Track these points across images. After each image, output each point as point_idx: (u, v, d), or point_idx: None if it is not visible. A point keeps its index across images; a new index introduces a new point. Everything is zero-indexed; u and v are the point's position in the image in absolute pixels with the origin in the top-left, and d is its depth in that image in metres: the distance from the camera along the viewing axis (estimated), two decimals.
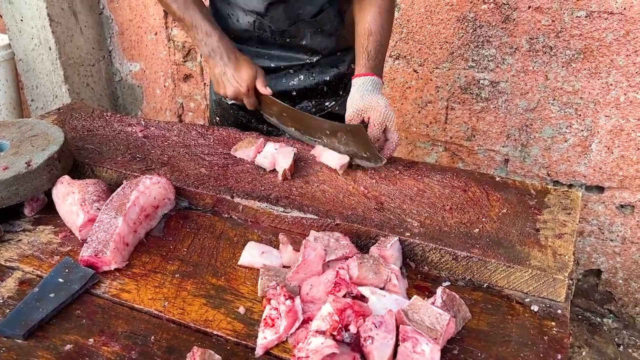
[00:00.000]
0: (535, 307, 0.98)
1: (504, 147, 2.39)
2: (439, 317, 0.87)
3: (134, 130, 1.53)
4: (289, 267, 1.05)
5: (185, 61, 3.11)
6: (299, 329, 0.90)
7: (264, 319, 0.91)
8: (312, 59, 1.56)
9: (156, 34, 3.12)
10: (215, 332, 0.93)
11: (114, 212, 1.10)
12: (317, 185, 1.28)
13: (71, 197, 1.16)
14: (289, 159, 1.29)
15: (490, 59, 2.26)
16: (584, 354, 2.31)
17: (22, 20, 2.97)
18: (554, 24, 2.09)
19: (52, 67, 3.04)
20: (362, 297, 0.95)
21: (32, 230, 1.20)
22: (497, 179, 1.30)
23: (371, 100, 1.32)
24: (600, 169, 2.22)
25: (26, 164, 1.19)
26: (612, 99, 2.10)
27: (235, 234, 1.18)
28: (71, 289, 1.00)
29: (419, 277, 1.07)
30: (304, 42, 1.52)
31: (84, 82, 3.20)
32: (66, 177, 1.23)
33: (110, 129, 1.55)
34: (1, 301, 1.00)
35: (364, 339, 0.84)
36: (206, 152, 1.42)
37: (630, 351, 2.33)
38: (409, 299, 0.95)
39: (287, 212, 1.18)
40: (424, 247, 1.08)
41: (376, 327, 0.85)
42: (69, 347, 0.90)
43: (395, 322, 0.87)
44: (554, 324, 0.95)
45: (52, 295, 0.98)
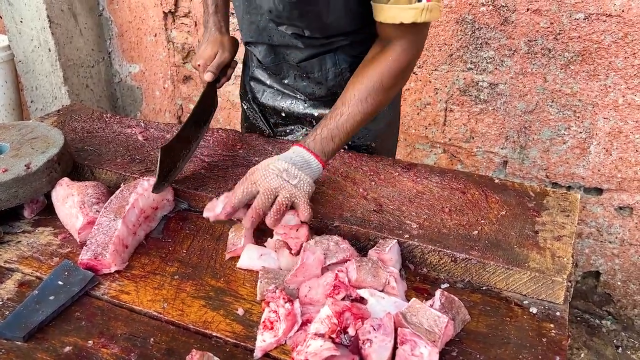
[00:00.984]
0: (534, 309, 0.99)
1: (502, 149, 2.39)
2: (438, 319, 0.88)
3: (133, 132, 1.54)
4: (287, 269, 1.05)
5: (184, 63, 3.12)
6: (297, 331, 0.90)
7: (263, 322, 0.91)
8: (301, 97, 1.49)
9: (156, 36, 3.12)
10: (214, 333, 0.93)
11: (113, 214, 1.10)
12: (317, 187, 1.28)
13: (70, 200, 1.16)
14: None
15: (489, 61, 2.27)
16: (582, 355, 2.31)
17: (21, 21, 2.97)
18: (552, 26, 2.10)
19: (51, 69, 3.05)
20: (361, 300, 0.95)
21: (32, 231, 1.20)
22: (496, 181, 1.30)
23: (265, 162, 1.13)
24: (598, 170, 2.23)
25: (26, 166, 1.19)
26: (611, 101, 2.11)
27: None
28: (71, 292, 1.00)
29: (418, 279, 1.07)
30: (287, 81, 1.47)
31: (83, 83, 3.20)
32: (65, 179, 1.24)
33: (109, 131, 1.55)
34: (1, 303, 1.00)
35: (362, 342, 0.84)
36: (205, 153, 1.43)
37: (629, 353, 2.33)
38: (408, 301, 0.95)
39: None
40: (422, 249, 1.08)
41: (375, 329, 0.85)
42: (68, 349, 0.91)
43: (393, 324, 0.87)
44: (552, 326, 0.95)
45: (51, 297, 0.98)
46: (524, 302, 1.01)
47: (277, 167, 1.10)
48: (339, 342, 0.85)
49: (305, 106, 1.50)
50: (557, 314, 0.98)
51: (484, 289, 1.04)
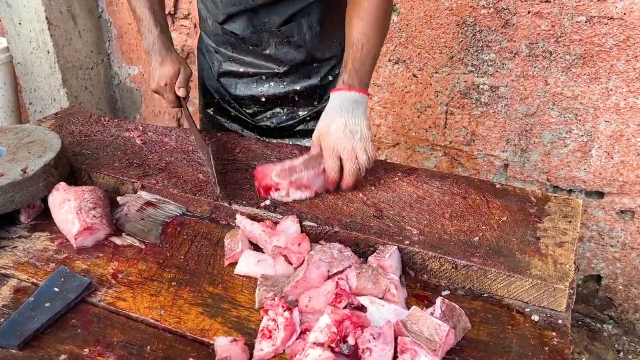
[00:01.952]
0: (535, 317, 0.97)
1: (503, 152, 2.38)
2: (438, 328, 0.86)
3: (131, 135, 1.52)
4: (285, 276, 1.04)
5: None
6: (296, 340, 0.89)
7: (261, 330, 0.90)
8: (280, 69, 1.52)
9: None
10: (212, 342, 0.92)
11: None
12: None
13: (67, 205, 1.15)
14: None
15: (489, 63, 2.26)
16: None
17: (20, 23, 2.96)
18: (553, 29, 2.08)
19: (50, 71, 3.04)
20: (361, 308, 0.94)
21: (28, 237, 1.19)
22: (497, 186, 1.29)
23: (325, 126, 1.22)
24: (600, 174, 2.22)
25: (22, 170, 1.18)
26: (612, 104, 2.10)
27: None
28: (67, 298, 0.98)
29: (419, 286, 1.06)
30: (267, 52, 1.49)
31: (82, 85, 3.19)
32: (62, 183, 1.22)
33: (107, 134, 1.54)
34: None
35: (362, 351, 0.83)
36: (204, 157, 1.41)
37: (630, 357, 2.32)
38: (408, 308, 0.94)
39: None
40: (423, 255, 1.07)
41: (374, 338, 0.84)
42: (63, 357, 0.89)
43: (393, 333, 0.86)
44: (554, 334, 0.94)
45: (47, 304, 0.97)
46: (526, 310, 0.99)
47: (338, 127, 1.18)
48: (339, 352, 0.83)
49: (285, 84, 1.54)
50: (559, 321, 0.97)
51: (485, 296, 1.03)
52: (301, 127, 1.60)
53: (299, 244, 1.05)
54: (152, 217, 1.22)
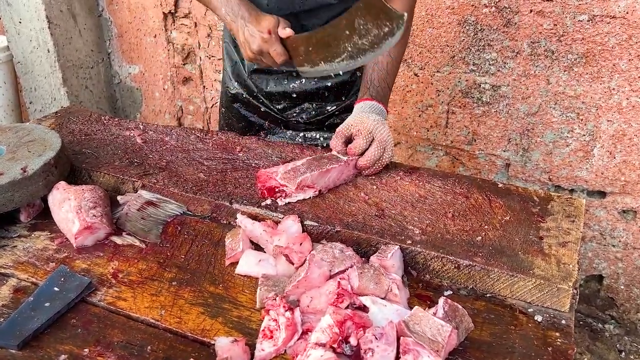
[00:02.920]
0: (539, 317, 0.97)
1: (505, 151, 2.37)
2: (441, 328, 0.86)
3: (132, 134, 1.52)
4: (286, 275, 1.03)
5: (184, 64, 3.10)
6: (297, 340, 0.88)
7: (263, 330, 0.89)
8: None
9: (155, 37, 3.10)
10: (212, 342, 0.91)
11: None
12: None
13: (67, 204, 1.14)
14: None
15: (491, 62, 2.25)
16: None
17: (20, 22, 2.95)
18: (555, 28, 2.08)
19: (50, 70, 3.03)
20: (363, 308, 0.93)
21: (28, 236, 1.18)
22: (500, 185, 1.28)
23: (361, 117, 1.32)
24: (602, 174, 2.21)
25: (22, 169, 1.18)
26: (615, 104, 2.09)
27: None
28: (67, 298, 0.98)
29: (421, 286, 1.05)
30: None
31: (82, 84, 3.19)
32: (62, 183, 1.22)
33: (108, 133, 1.53)
34: None
35: (364, 352, 0.82)
36: (205, 156, 1.41)
37: (632, 358, 2.31)
38: (411, 308, 0.94)
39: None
40: (425, 255, 1.06)
41: (377, 339, 0.83)
42: (63, 357, 0.89)
43: (396, 333, 0.85)
44: (558, 334, 0.93)
45: (47, 304, 0.96)
46: (529, 310, 0.99)
47: (375, 119, 1.31)
48: (340, 352, 0.83)
49: (316, 80, 1.58)
50: (563, 322, 0.96)
51: (488, 296, 1.02)
52: (330, 122, 1.64)
53: (301, 244, 1.05)
54: (153, 217, 1.22)
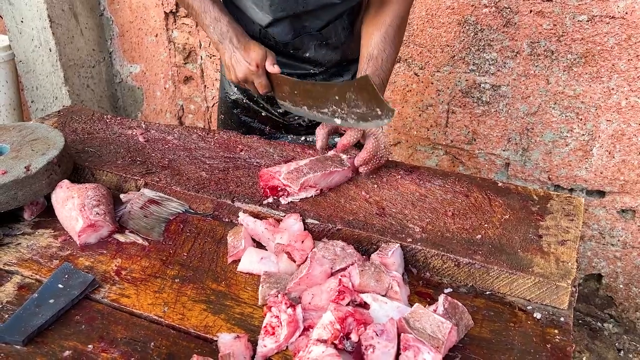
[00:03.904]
0: (538, 315, 0.98)
1: (504, 151, 2.38)
2: (441, 325, 0.87)
3: (134, 133, 1.53)
4: (288, 273, 1.04)
5: (185, 63, 3.11)
6: (299, 337, 0.89)
7: (265, 327, 0.90)
8: (316, 70, 1.55)
9: (157, 36, 3.11)
10: (215, 338, 0.92)
11: None
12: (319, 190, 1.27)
13: (70, 202, 1.15)
14: None
15: (491, 62, 2.26)
16: (584, 359, 2.30)
17: (22, 21, 2.96)
18: (555, 28, 2.09)
19: (52, 69, 3.04)
20: (364, 305, 0.94)
21: (32, 233, 1.19)
22: (500, 184, 1.29)
23: None
24: (601, 173, 2.22)
25: (25, 168, 1.19)
26: (614, 104, 2.10)
27: None
28: (71, 295, 0.99)
29: (421, 284, 1.06)
30: (307, 54, 1.52)
31: (84, 83, 3.20)
32: (65, 181, 1.23)
33: (110, 132, 1.54)
34: (0, 306, 0.99)
35: (365, 348, 0.83)
36: (207, 155, 1.42)
37: (630, 356, 2.32)
38: (411, 305, 0.94)
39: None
40: (425, 253, 1.07)
41: (377, 335, 0.84)
42: (67, 353, 0.90)
43: (396, 330, 0.86)
44: (557, 332, 0.94)
45: (51, 300, 0.97)
46: (528, 308, 1.00)
47: None
48: (342, 348, 0.84)
49: (320, 80, 1.57)
50: (562, 319, 0.97)
51: (488, 293, 1.03)
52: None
53: (302, 242, 1.06)
54: (155, 215, 1.23)
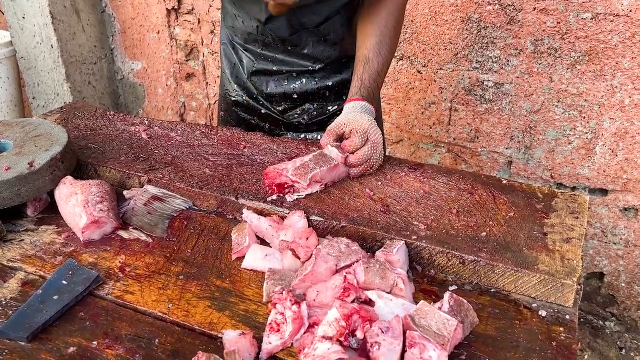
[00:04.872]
0: (543, 312, 0.97)
1: (507, 149, 2.38)
2: (447, 322, 0.87)
3: (137, 129, 1.52)
4: (292, 270, 1.04)
5: (187, 60, 3.10)
6: (304, 333, 0.89)
7: (269, 324, 0.90)
8: (315, 67, 1.54)
9: (158, 33, 3.11)
10: (220, 335, 0.92)
11: None
12: (323, 187, 1.27)
13: (74, 198, 1.15)
14: None
15: (494, 60, 2.25)
16: (586, 357, 2.30)
17: (24, 17, 2.96)
18: (559, 26, 2.08)
19: (53, 65, 3.04)
20: (369, 302, 0.94)
21: (35, 230, 1.19)
22: (504, 181, 1.29)
23: (355, 116, 1.29)
24: (604, 171, 2.21)
25: (29, 164, 1.18)
26: (617, 102, 2.09)
27: None
28: (75, 291, 0.99)
29: (426, 281, 1.06)
30: (305, 51, 1.51)
31: (85, 80, 3.19)
32: (69, 177, 1.22)
33: (113, 128, 1.54)
34: (4, 302, 0.99)
35: (370, 345, 0.83)
36: (210, 152, 1.41)
37: (632, 354, 2.32)
38: (416, 303, 0.94)
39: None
40: (430, 250, 1.07)
41: (383, 332, 0.84)
42: (72, 349, 0.89)
43: (402, 327, 0.86)
44: (562, 329, 0.94)
45: (55, 297, 0.97)
46: (533, 305, 0.99)
47: (369, 118, 1.28)
48: (347, 345, 0.83)
49: (317, 80, 1.57)
50: (567, 317, 0.97)
51: (493, 291, 1.03)
52: (331, 122, 1.61)
53: (307, 238, 1.05)
54: (159, 211, 1.22)
